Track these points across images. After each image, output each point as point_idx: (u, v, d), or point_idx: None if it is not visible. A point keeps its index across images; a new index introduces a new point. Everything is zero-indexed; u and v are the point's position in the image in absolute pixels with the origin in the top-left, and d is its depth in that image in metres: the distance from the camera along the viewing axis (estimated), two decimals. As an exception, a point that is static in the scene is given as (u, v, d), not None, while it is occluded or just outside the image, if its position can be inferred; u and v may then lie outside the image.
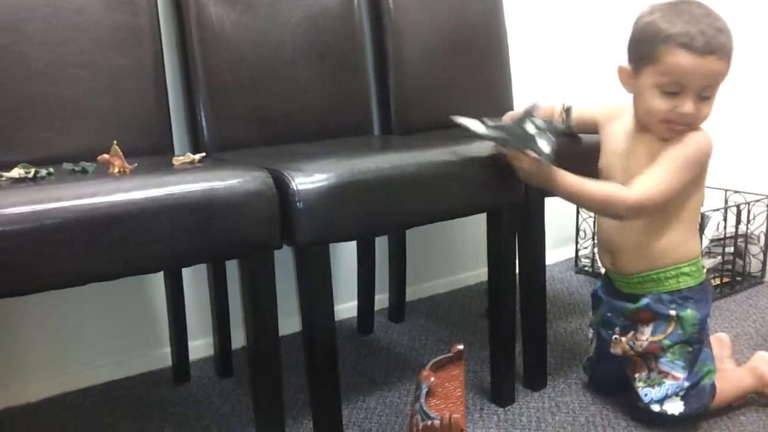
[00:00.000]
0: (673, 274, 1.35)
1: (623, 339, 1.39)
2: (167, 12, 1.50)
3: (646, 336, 1.36)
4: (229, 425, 1.42)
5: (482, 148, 1.33)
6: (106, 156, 1.08)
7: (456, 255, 2.16)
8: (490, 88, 1.92)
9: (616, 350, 1.41)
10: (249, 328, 1.15)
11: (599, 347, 1.48)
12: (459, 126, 1.29)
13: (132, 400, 1.54)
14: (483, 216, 1.42)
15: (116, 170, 1.06)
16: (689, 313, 1.34)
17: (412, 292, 2.03)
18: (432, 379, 1.13)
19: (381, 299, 1.94)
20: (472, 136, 1.29)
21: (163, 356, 1.66)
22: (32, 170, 1.04)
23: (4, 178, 1.01)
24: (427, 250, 2.08)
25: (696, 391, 1.34)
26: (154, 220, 0.98)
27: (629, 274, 1.40)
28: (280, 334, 1.19)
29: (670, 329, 1.34)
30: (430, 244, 2.08)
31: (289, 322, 1.61)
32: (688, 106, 1.24)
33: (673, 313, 1.34)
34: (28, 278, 0.91)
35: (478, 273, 2.17)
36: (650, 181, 1.27)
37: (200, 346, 1.70)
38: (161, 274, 1.58)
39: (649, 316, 1.37)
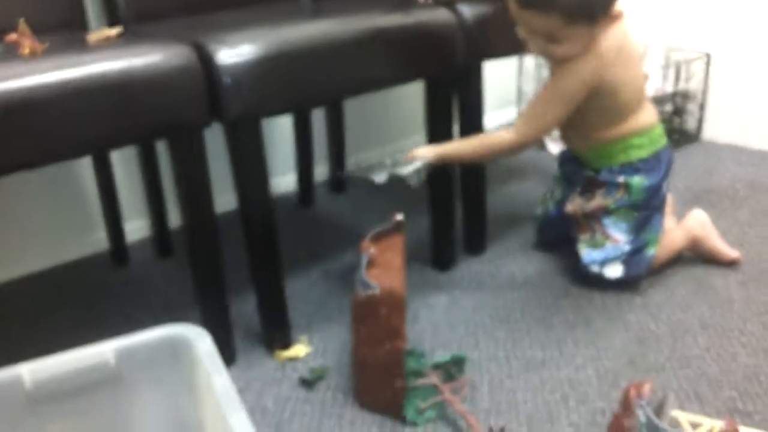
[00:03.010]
0: (621, 148, 1.37)
1: (578, 199, 1.43)
2: None
3: (597, 199, 1.40)
4: (173, 304, 1.42)
5: (418, 14, 1.28)
6: (13, 36, 1.00)
7: (395, 123, 2.13)
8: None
9: (569, 208, 1.44)
10: (184, 209, 1.12)
11: (559, 201, 1.51)
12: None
13: (72, 286, 1.52)
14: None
15: (26, 51, 0.99)
16: (637, 179, 1.37)
17: (353, 163, 2.00)
18: (372, 250, 1.13)
19: (321, 172, 1.92)
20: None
21: (98, 240, 1.63)
22: (-70, 52, 0.96)
23: None
24: (366, 119, 2.03)
25: (637, 259, 1.38)
26: (73, 103, 0.93)
27: (580, 149, 1.45)
28: (217, 212, 1.16)
29: (618, 195, 1.39)
30: (369, 113, 2.04)
31: (227, 199, 1.58)
32: (532, 45, 1.30)
33: (622, 180, 1.38)
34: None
35: (417, 140, 2.15)
36: (527, 120, 1.34)
37: (137, 228, 1.67)
38: (89, 158, 1.52)
39: (601, 183, 1.40)
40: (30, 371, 0.84)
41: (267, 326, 1.25)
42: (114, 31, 1.12)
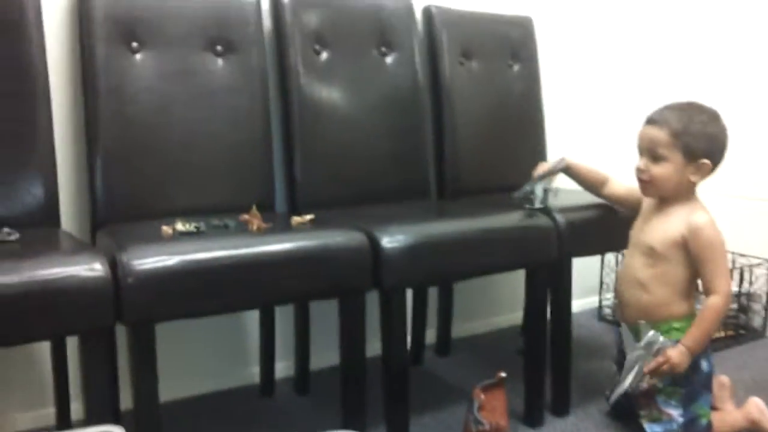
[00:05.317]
0: (665, 329, 1.66)
1: None
2: (275, 95, 1.87)
3: (645, 379, 1.67)
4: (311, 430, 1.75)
5: (525, 219, 1.68)
6: (246, 216, 1.44)
7: (494, 300, 2.49)
8: (527, 155, 2.25)
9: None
10: (344, 351, 1.50)
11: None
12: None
13: (227, 409, 1.88)
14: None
15: (255, 228, 1.42)
16: None
17: (456, 331, 2.35)
18: (482, 396, 1.46)
19: (430, 335, 2.27)
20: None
21: (250, 374, 2.01)
22: (193, 225, 1.40)
23: (178, 231, 1.37)
24: (471, 295, 2.41)
25: (692, 428, 1.64)
26: (292, 266, 1.36)
27: (630, 323, 1.73)
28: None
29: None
30: (473, 291, 2.41)
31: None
32: (639, 162, 1.66)
33: None
34: (210, 305, 1.28)
35: (513, 316, 2.49)
36: (722, 279, 1.62)
37: (282, 367, 2.04)
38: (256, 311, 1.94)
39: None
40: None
41: (393, 452, 1.57)
42: (308, 217, 1.54)
